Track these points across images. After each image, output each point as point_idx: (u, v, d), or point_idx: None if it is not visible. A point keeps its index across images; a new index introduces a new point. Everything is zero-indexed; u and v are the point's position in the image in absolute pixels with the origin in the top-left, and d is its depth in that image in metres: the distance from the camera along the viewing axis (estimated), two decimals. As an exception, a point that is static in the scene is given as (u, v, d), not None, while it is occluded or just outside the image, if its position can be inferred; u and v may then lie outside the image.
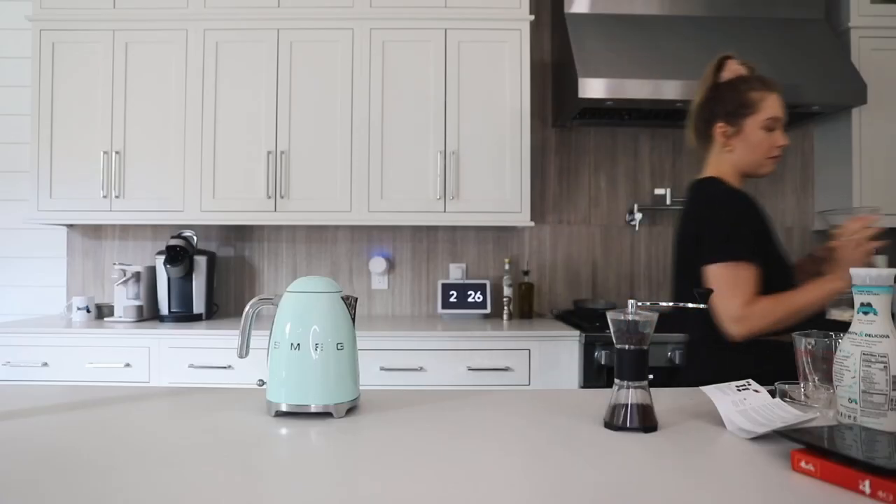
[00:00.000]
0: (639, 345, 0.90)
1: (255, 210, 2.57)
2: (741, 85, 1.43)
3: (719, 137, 1.45)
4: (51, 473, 0.72)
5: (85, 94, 2.57)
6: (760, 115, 1.40)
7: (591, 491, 0.69)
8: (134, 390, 1.16)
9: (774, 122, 1.41)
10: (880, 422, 0.84)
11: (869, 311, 0.87)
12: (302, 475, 0.74)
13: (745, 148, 1.43)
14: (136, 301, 2.58)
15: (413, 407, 1.04)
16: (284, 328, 0.97)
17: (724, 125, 1.44)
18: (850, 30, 2.62)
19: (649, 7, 2.63)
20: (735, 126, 1.43)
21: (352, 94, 2.57)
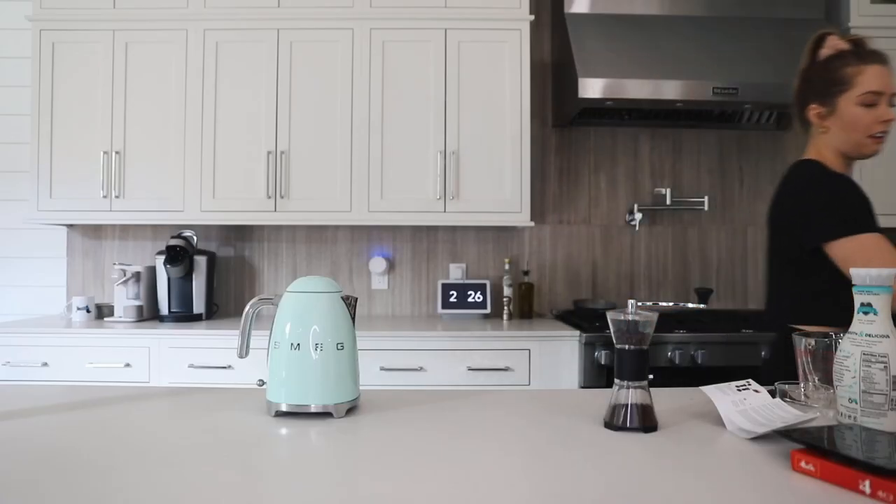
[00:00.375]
0: (639, 345, 0.90)
1: (255, 210, 2.57)
2: (834, 62, 1.32)
3: (814, 119, 1.36)
4: (51, 473, 0.72)
5: (85, 94, 2.57)
6: (855, 90, 1.29)
7: (591, 491, 0.69)
8: (134, 390, 1.16)
9: (874, 96, 1.28)
10: (880, 422, 0.83)
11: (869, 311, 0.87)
12: (302, 475, 0.74)
13: (841, 128, 1.32)
14: (136, 301, 2.58)
15: (413, 407, 1.04)
16: (284, 328, 0.97)
17: (817, 106, 1.35)
18: (851, 29, 2.62)
19: (649, 7, 2.63)
20: (828, 106, 1.33)
21: (352, 94, 2.57)
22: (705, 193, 2.91)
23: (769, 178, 2.95)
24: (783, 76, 2.44)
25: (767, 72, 2.45)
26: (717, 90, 2.38)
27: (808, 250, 1.30)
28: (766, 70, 2.45)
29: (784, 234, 1.38)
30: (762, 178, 2.95)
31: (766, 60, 2.48)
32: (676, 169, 2.94)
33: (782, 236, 1.39)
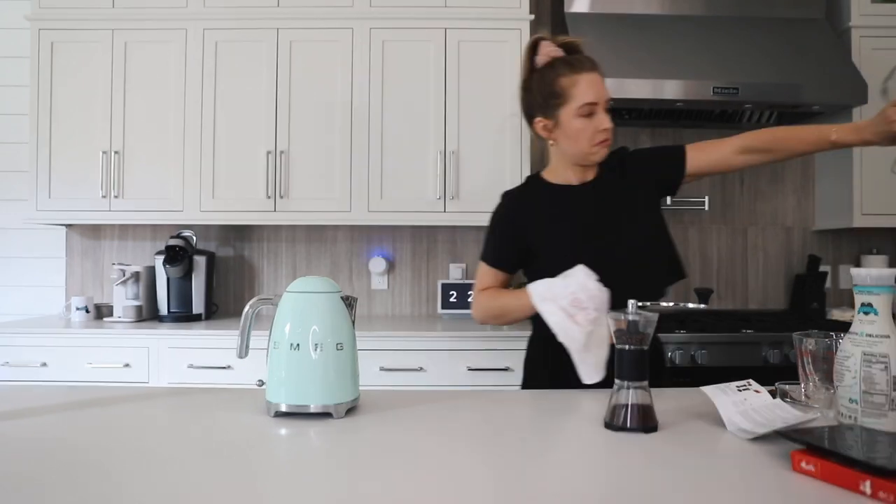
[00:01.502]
0: (639, 345, 0.90)
1: (254, 210, 2.56)
2: (549, 73, 1.30)
3: (542, 132, 1.35)
4: (50, 473, 0.72)
5: (84, 94, 2.57)
6: (573, 103, 1.27)
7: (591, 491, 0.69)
8: (133, 390, 1.16)
9: (590, 107, 1.26)
10: (881, 422, 0.83)
11: (869, 311, 0.87)
12: (301, 475, 0.74)
13: (567, 140, 1.31)
14: (135, 301, 2.58)
15: (413, 407, 1.04)
16: (284, 328, 0.97)
17: (542, 119, 1.33)
18: (851, 29, 2.62)
19: (649, 7, 2.63)
20: (552, 118, 1.31)
21: (352, 94, 2.57)
22: (706, 193, 2.91)
23: (769, 179, 2.95)
24: (784, 76, 2.45)
25: (768, 71, 2.45)
26: (718, 90, 2.38)
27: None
28: (766, 70, 2.45)
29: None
30: (762, 178, 2.95)
31: (766, 60, 2.48)
32: (676, 169, 2.93)
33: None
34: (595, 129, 1.28)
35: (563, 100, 1.28)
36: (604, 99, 1.28)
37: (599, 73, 1.30)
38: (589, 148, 1.30)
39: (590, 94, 1.27)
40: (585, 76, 1.27)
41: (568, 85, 1.28)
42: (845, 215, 2.66)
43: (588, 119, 1.28)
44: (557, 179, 1.39)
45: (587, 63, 1.29)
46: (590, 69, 1.29)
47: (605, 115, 1.28)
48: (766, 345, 2.22)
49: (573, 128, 1.29)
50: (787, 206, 2.95)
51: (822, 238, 2.95)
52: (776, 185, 2.95)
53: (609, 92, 1.31)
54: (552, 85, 1.29)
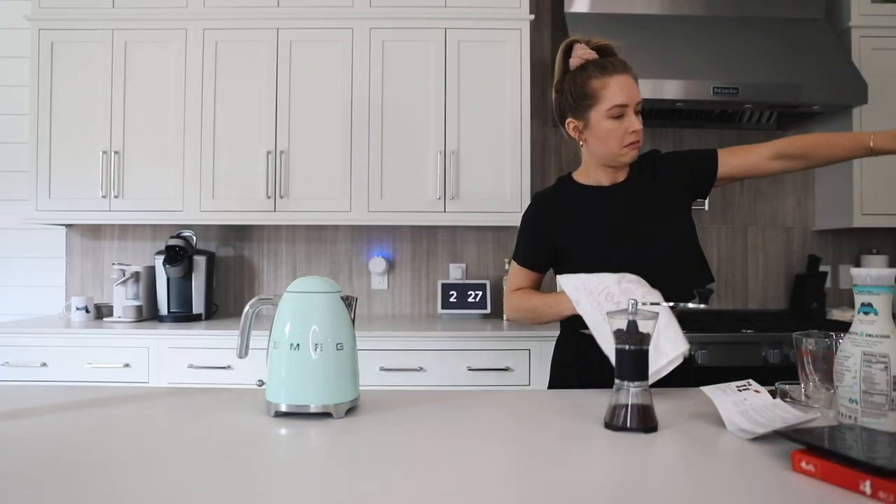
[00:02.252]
0: (639, 345, 0.90)
1: (254, 210, 2.56)
2: (581, 75, 1.32)
3: (573, 133, 1.38)
4: (50, 473, 0.72)
5: (84, 94, 2.57)
6: (602, 104, 1.29)
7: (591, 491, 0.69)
8: (133, 390, 1.16)
9: (621, 109, 1.28)
10: (881, 422, 0.83)
11: (869, 311, 0.87)
12: (301, 475, 0.74)
13: (597, 141, 1.33)
14: (135, 301, 2.58)
15: (413, 407, 1.04)
16: (284, 328, 0.97)
17: (573, 120, 1.36)
18: (851, 29, 2.62)
19: (649, 7, 2.63)
20: (582, 120, 1.33)
21: (352, 94, 2.57)
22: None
23: (770, 178, 2.95)
24: (784, 76, 2.45)
25: (768, 71, 2.45)
26: (718, 90, 2.38)
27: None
28: (766, 70, 2.45)
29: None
30: (763, 178, 2.95)
31: (766, 60, 2.48)
32: (676, 169, 2.94)
33: None
34: (625, 130, 1.29)
35: (594, 101, 1.30)
36: (635, 101, 1.29)
37: (632, 75, 1.31)
38: (619, 149, 1.31)
39: (620, 95, 1.28)
40: (616, 78, 1.29)
41: (599, 87, 1.29)
42: (845, 215, 2.66)
43: (618, 121, 1.29)
44: (588, 181, 1.41)
45: (619, 65, 1.30)
46: (622, 71, 1.30)
47: (635, 117, 1.29)
48: (766, 345, 2.21)
49: (603, 129, 1.30)
50: (787, 206, 2.95)
51: (822, 238, 2.95)
52: (776, 185, 2.95)
53: (640, 96, 1.31)
54: (583, 87, 1.31)
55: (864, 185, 2.59)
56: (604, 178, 1.39)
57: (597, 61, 1.32)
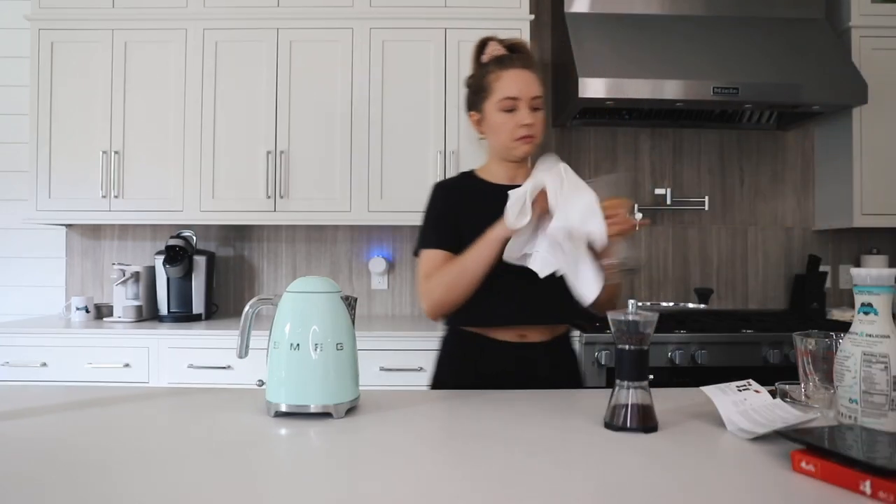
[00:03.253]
0: (639, 345, 0.90)
1: (254, 210, 2.56)
2: (482, 69, 1.36)
3: (474, 126, 1.40)
4: (50, 473, 0.72)
5: (84, 94, 2.57)
6: (494, 96, 1.31)
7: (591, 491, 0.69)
8: (133, 390, 1.16)
9: (511, 101, 1.30)
10: (881, 422, 0.83)
11: (869, 311, 0.87)
12: (302, 475, 0.74)
13: (491, 133, 1.35)
14: (135, 301, 2.58)
15: (413, 407, 1.04)
16: (284, 328, 0.97)
17: (474, 112, 1.39)
18: (851, 29, 2.62)
19: (649, 7, 2.63)
20: (479, 112, 1.37)
21: (351, 94, 2.57)
22: (706, 193, 2.91)
23: (770, 178, 2.95)
24: (784, 76, 2.45)
25: (768, 71, 2.45)
26: (718, 90, 2.38)
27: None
28: (766, 70, 2.45)
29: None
30: (763, 178, 2.95)
31: (766, 60, 2.48)
32: (677, 169, 2.94)
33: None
34: (516, 123, 1.30)
35: (487, 93, 1.33)
36: (528, 95, 1.30)
37: (532, 71, 1.33)
38: (510, 142, 1.32)
39: (511, 88, 1.30)
40: (511, 72, 1.31)
41: (493, 80, 1.32)
42: (845, 215, 2.66)
43: (509, 114, 1.31)
44: (489, 177, 1.41)
45: (518, 61, 1.32)
46: (519, 66, 1.31)
47: (527, 111, 1.30)
48: (766, 345, 2.22)
49: (495, 121, 1.33)
50: (787, 206, 2.95)
51: (822, 238, 2.95)
52: (776, 185, 2.95)
53: (538, 91, 1.32)
54: (481, 80, 1.35)
55: (864, 185, 2.59)
56: (503, 175, 1.39)
57: (497, 56, 1.35)
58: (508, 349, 1.31)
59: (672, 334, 2.22)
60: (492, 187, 1.38)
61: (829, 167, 2.82)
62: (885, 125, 2.59)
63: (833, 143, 2.78)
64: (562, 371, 1.36)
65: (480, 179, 1.41)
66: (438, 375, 1.42)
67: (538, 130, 1.32)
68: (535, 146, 1.34)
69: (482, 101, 1.35)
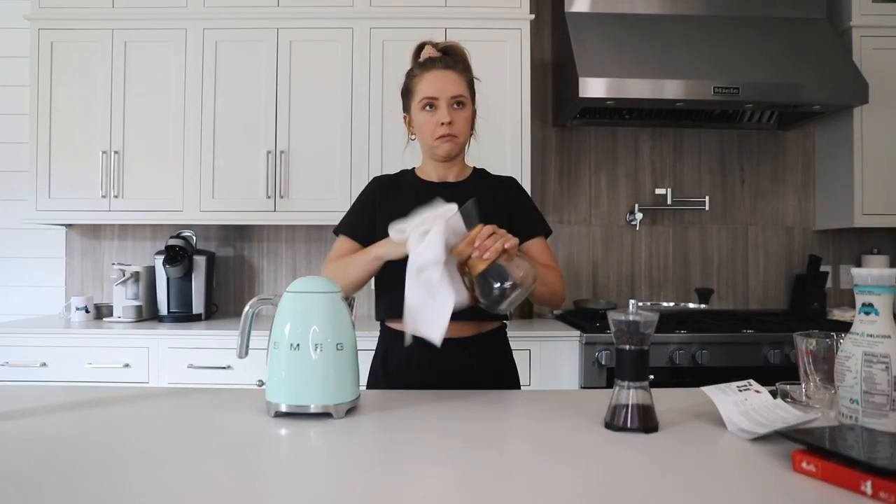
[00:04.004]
0: (639, 345, 0.90)
1: (254, 210, 2.56)
2: (410, 72, 1.42)
3: (407, 127, 1.45)
4: (50, 474, 0.72)
5: (84, 94, 2.57)
6: (416, 97, 1.36)
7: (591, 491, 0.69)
8: (133, 390, 1.15)
9: (430, 100, 1.34)
10: (882, 422, 0.83)
11: (870, 311, 0.86)
12: (302, 475, 0.74)
13: (417, 133, 1.40)
14: (135, 301, 2.57)
15: (413, 407, 1.04)
16: (284, 328, 0.97)
17: (405, 114, 1.44)
18: (852, 29, 2.62)
19: (649, 7, 2.62)
20: (408, 113, 1.42)
21: (351, 94, 2.56)
22: (706, 193, 2.91)
23: (770, 178, 2.95)
24: (784, 76, 2.45)
25: (768, 71, 2.44)
26: (718, 90, 2.38)
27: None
28: (767, 70, 2.45)
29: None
30: (763, 177, 2.95)
31: (767, 60, 2.48)
32: (677, 169, 2.94)
33: None
34: (436, 122, 1.34)
35: (412, 95, 1.38)
36: (446, 94, 1.33)
37: (456, 71, 1.36)
38: (431, 140, 1.36)
39: (429, 88, 1.34)
40: (431, 73, 1.35)
41: (416, 82, 1.37)
42: (846, 215, 2.66)
43: (429, 113, 1.35)
44: (424, 175, 1.45)
45: (440, 62, 1.36)
46: (440, 67, 1.35)
47: (446, 109, 1.33)
48: (766, 345, 2.21)
49: (417, 121, 1.37)
50: (787, 206, 2.95)
51: (823, 238, 2.95)
52: (777, 185, 2.95)
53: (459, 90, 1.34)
54: (408, 83, 1.41)
55: (865, 185, 2.59)
56: (434, 173, 1.43)
57: (423, 60, 1.39)
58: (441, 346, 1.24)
59: (672, 334, 2.22)
60: (422, 183, 1.43)
61: (830, 167, 2.82)
62: (886, 125, 2.59)
63: (834, 142, 2.78)
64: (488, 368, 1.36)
65: (415, 176, 1.46)
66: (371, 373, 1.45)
67: (459, 129, 1.35)
68: (459, 146, 1.38)
69: (409, 102, 1.40)
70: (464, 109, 1.36)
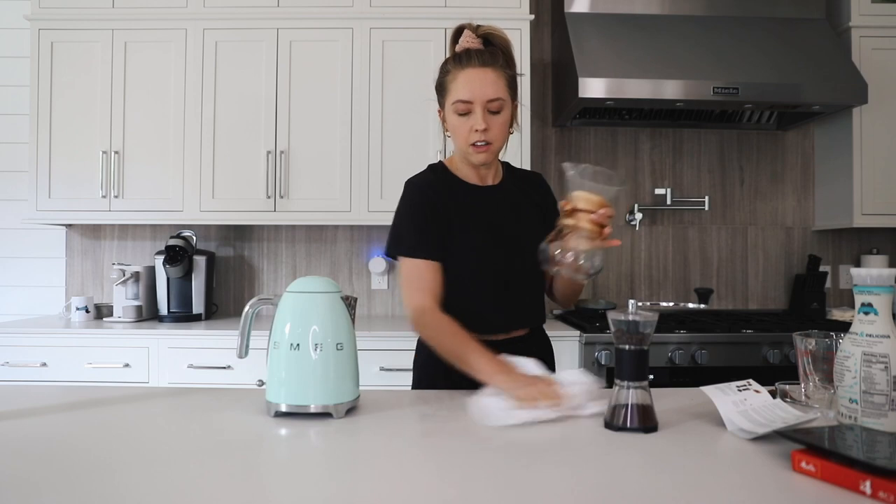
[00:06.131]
0: (639, 345, 0.90)
1: (254, 210, 2.56)
2: (445, 65, 1.28)
3: (441, 121, 1.33)
4: (50, 473, 0.72)
5: (84, 94, 2.57)
6: (449, 98, 1.24)
7: (591, 491, 0.69)
8: (133, 390, 1.16)
9: (464, 105, 1.21)
10: (881, 422, 0.83)
11: (869, 311, 0.87)
12: (302, 475, 0.74)
13: (452, 135, 1.28)
14: (135, 301, 2.58)
15: (413, 407, 1.04)
16: (284, 328, 0.97)
17: (440, 110, 1.31)
18: (851, 29, 2.62)
19: (649, 7, 2.63)
20: (443, 110, 1.30)
21: (351, 94, 2.57)
22: (706, 193, 2.91)
23: (770, 178, 2.95)
24: (784, 76, 2.45)
25: (768, 71, 2.45)
26: (718, 90, 2.38)
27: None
28: (766, 70, 2.45)
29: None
30: (763, 177, 2.95)
31: (766, 60, 2.48)
32: (677, 169, 2.94)
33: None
34: (469, 128, 1.22)
35: (445, 94, 1.26)
36: (483, 98, 1.21)
37: (495, 69, 1.22)
38: (465, 146, 1.25)
39: (463, 91, 1.21)
40: (466, 72, 1.22)
41: (450, 79, 1.25)
42: (845, 215, 2.66)
43: (464, 118, 1.23)
44: (460, 174, 1.34)
45: (477, 59, 1.23)
46: (477, 65, 1.22)
47: (482, 115, 1.21)
48: (766, 345, 2.22)
49: (452, 124, 1.26)
50: (787, 206, 2.95)
51: (822, 238, 2.95)
52: (776, 185, 2.95)
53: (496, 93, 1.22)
54: (442, 77, 1.28)
55: (864, 185, 2.59)
56: (473, 175, 1.33)
57: (460, 52, 1.26)
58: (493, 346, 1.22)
59: (672, 334, 2.23)
60: (470, 186, 1.33)
61: (829, 167, 2.82)
62: (885, 125, 2.59)
63: (833, 143, 2.78)
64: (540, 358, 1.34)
65: (453, 176, 1.34)
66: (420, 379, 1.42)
67: (495, 136, 1.23)
68: (494, 153, 1.27)
69: (443, 100, 1.29)
70: (501, 115, 1.23)
